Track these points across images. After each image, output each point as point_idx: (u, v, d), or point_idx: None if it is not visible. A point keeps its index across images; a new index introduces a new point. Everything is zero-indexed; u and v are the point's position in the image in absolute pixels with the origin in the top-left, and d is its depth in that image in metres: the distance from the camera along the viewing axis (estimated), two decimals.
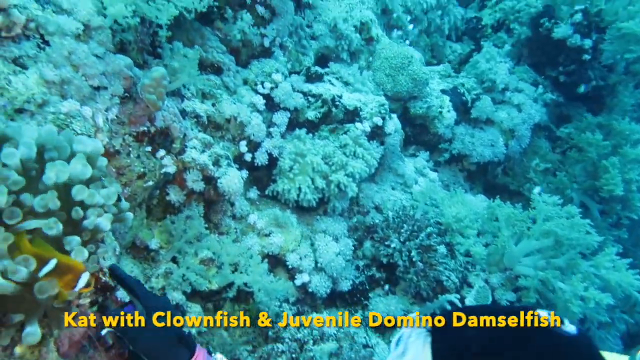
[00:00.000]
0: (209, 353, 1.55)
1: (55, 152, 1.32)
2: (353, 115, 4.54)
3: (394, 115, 4.95)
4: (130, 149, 2.76)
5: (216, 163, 3.42)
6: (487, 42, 7.37)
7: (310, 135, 4.22)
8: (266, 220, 3.78)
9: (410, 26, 6.83)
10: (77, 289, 1.24)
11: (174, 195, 3.21)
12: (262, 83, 3.93)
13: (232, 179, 3.36)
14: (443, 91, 6.27)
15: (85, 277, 1.25)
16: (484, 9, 8.23)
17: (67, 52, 2.01)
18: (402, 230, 4.18)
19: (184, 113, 3.29)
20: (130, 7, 2.29)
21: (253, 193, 3.92)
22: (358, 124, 4.48)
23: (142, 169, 2.86)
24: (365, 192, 4.65)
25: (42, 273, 1.15)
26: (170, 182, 3.24)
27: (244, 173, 3.70)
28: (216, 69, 3.64)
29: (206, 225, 3.40)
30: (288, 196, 3.87)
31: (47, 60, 1.97)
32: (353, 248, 4.19)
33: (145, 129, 2.79)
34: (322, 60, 5.07)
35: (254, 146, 3.83)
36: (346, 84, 4.91)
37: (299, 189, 3.87)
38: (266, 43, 4.06)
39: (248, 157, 3.78)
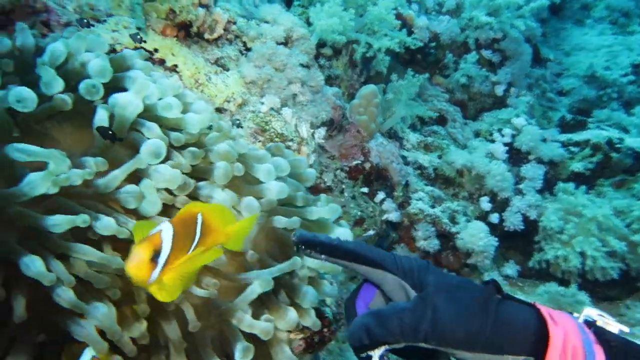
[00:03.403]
0: None
1: None
2: None
3: None
4: (344, 186, 2.50)
5: (452, 220, 2.82)
6: None
7: (584, 187, 3.21)
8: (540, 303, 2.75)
9: None
10: None
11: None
12: (500, 130, 3.35)
13: (475, 233, 2.65)
14: None
15: None
16: None
17: (269, 53, 2.04)
18: None
19: (405, 161, 2.95)
20: (339, 26, 2.29)
21: (511, 269, 3.02)
22: None
23: (359, 213, 2.51)
24: None
25: None
26: (396, 242, 2.76)
27: (493, 240, 2.90)
28: (439, 119, 3.31)
29: None
30: (566, 266, 2.81)
31: (248, 61, 2.02)
32: None
33: (359, 163, 2.54)
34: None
35: (500, 205, 3.09)
36: (625, 130, 3.81)
37: (582, 254, 2.78)
38: (498, 91, 3.60)
39: (494, 218, 3.03)
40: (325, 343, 1.69)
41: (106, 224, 1.06)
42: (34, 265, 1.01)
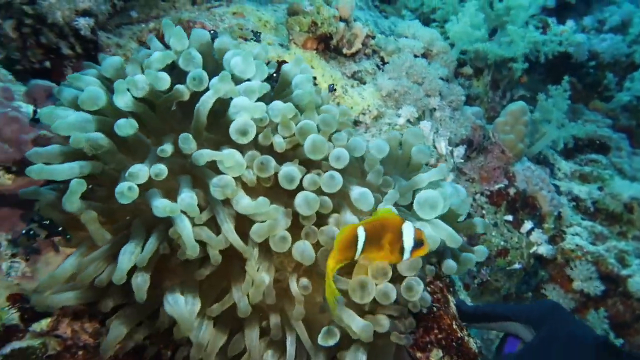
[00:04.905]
0: None
1: None
2: None
3: None
4: (484, 212, 2.28)
5: (621, 261, 2.39)
6: None
7: None
8: None
9: None
10: None
11: (557, 297, 2.32)
12: None
13: None
14: None
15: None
16: None
17: (407, 65, 2.01)
18: None
19: (557, 190, 2.62)
20: (472, 31, 2.22)
21: None
22: None
23: (502, 243, 2.26)
24: None
25: None
26: (546, 281, 2.41)
27: None
28: (599, 147, 2.91)
29: None
30: None
31: (385, 73, 2.01)
32: None
33: (502, 187, 2.31)
34: None
35: None
36: None
37: None
38: None
39: None
40: None
41: (184, 198, 1.12)
42: (121, 259, 1.10)
